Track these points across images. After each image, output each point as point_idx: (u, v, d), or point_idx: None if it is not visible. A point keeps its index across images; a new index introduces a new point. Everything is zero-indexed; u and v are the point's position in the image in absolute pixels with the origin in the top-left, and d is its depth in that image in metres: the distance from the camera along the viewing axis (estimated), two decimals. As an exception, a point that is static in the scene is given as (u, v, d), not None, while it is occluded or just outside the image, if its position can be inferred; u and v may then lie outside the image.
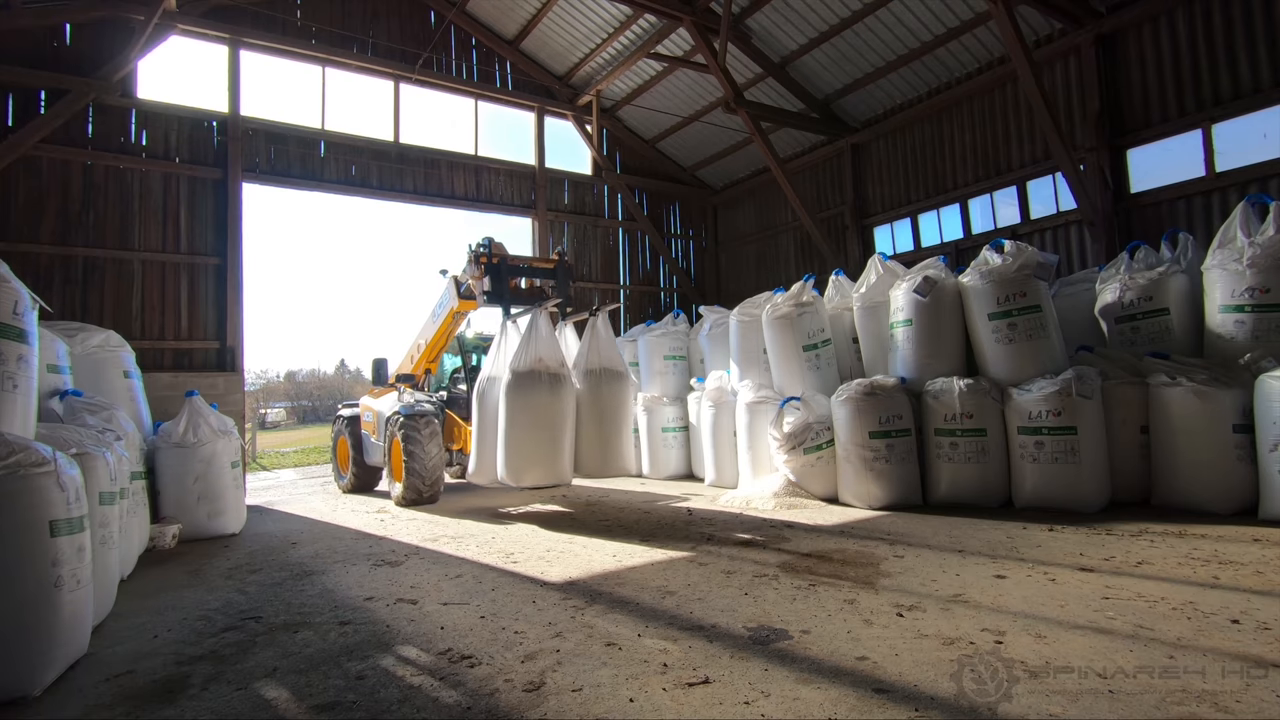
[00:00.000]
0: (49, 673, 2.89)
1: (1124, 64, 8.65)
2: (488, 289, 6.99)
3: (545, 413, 6.13)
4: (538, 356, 6.19)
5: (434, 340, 8.39)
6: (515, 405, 6.10)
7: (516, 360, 6.15)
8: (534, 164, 13.53)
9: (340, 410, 9.86)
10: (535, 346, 6.22)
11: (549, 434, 6.17)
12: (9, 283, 3.38)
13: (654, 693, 2.61)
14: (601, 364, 6.60)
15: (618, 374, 6.66)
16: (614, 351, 6.76)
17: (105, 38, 9.42)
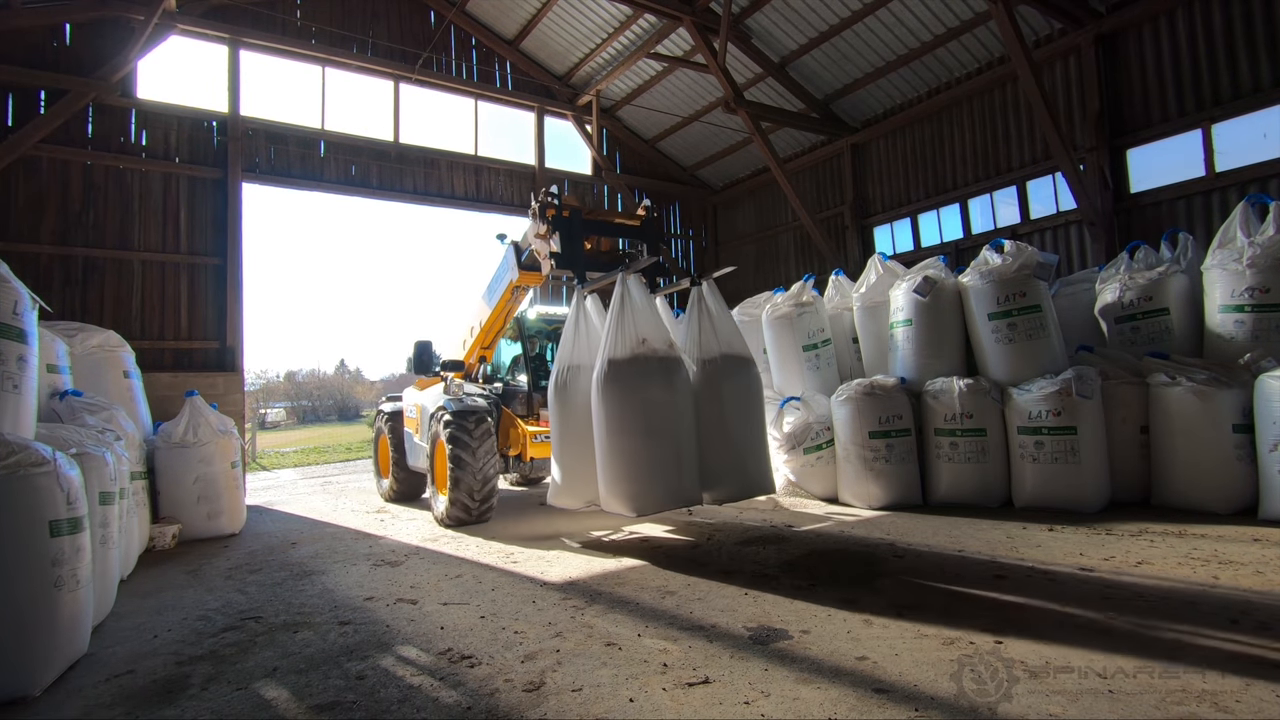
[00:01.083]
0: (49, 673, 2.89)
1: (1124, 64, 8.65)
2: (557, 249, 5.40)
3: (661, 412, 4.57)
4: (639, 337, 4.66)
5: (489, 321, 6.85)
6: (618, 405, 4.56)
7: (612, 344, 4.64)
8: (534, 164, 13.53)
9: (381, 404, 8.72)
10: (634, 323, 4.69)
11: (670, 440, 4.59)
12: (9, 283, 3.38)
13: (654, 693, 2.61)
14: (721, 349, 4.96)
15: (743, 360, 5.03)
16: (734, 331, 5.13)
17: (105, 38, 9.42)
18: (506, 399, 7.05)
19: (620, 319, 4.68)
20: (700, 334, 5.03)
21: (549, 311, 7.73)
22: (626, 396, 4.53)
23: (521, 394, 7.04)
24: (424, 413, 7.01)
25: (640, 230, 5.88)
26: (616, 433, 4.58)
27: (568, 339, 5.12)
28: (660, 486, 4.55)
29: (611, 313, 4.72)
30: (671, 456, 4.60)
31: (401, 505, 7.72)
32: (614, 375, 4.57)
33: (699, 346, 5.00)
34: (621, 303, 4.70)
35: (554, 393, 5.10)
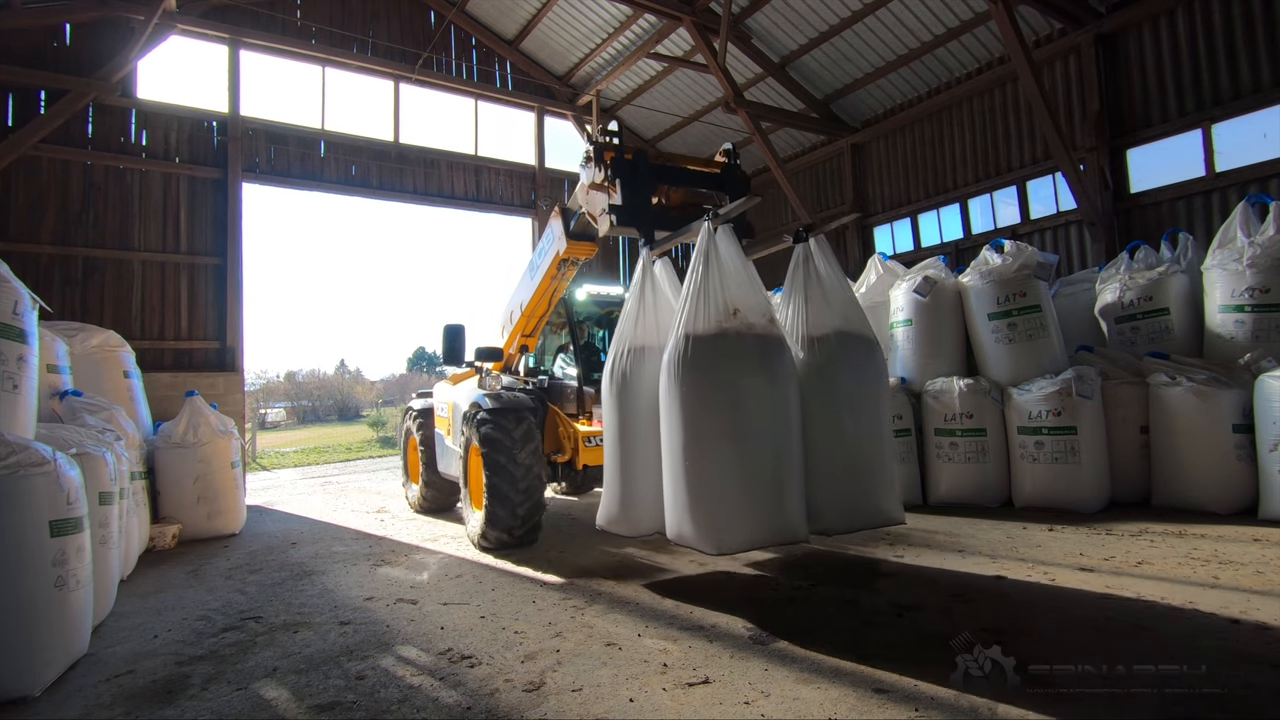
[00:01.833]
0: (49, 673, 2.89)
1: (1124, 64, 8.65)
2: (618, 202, 4.27)
3: (758, 409, 3.36)
4: (730, 306, 3.46)
5: (532, 303, 5.80)
6: (698, 398, 3.37)
7: (692, 315, 3.47)
8: (534, 164, 13.54)
9: (411, 401, 7.71)
10: (722, 288, 3.48)
11: (768, 449, 3.37)
12: (9, 283, 3.37)
13: (654, 693, 2.61)
14: (835, 324, 3.78)
15: (864, 341, 3.82)
16: (851, 301, 3.93)
17: (105, 38, 9.42)
18: (553, 394, 5.99)
19: (705, 282, 3.46)
20: (808, 304, 3.83)
21: (601, 291, 6.60)
22: (710, 387, 3.34)
23: (570, 388, 5.95)
24: (456, 411, 6.04)
25: (720, 178, 4.63)
26: (694, 436, 3.33)
27: (630, 314, 3.98)
28: (754, 515, 3.30)
29: (693, 274, 3.52)
30: (770, 472, 3.34)
31: (434, 518, 6.76)
32: (694, 358, 3.35)
33: (806, 321, 3.80)
34: (706, 260, 3.50)
35: (610, 384, 3.94)
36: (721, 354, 3.37)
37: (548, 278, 5.58)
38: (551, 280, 5.61)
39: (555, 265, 5.45)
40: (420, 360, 53.36)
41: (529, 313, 5.92)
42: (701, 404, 3.36)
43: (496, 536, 5.01)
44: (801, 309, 3.88)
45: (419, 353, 54.57)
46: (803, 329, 3.82)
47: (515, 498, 4.90)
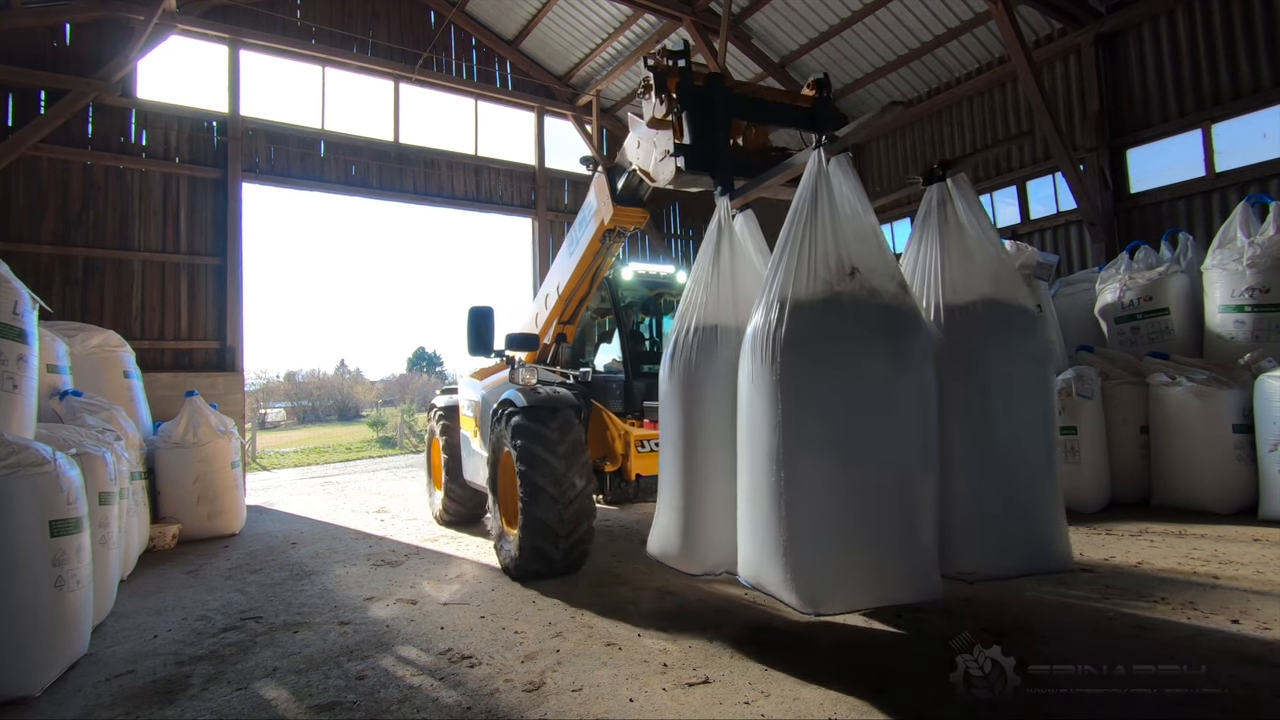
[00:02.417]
0: (49, 673, 2.89)
1: (1124, 64, 8.65)
2: (686, 140, 3.39)
3: (883, 406, 2.48)
4: (846, 264, 2.55)
5: (571, 284, 5.01)
6: (799, 390, 2.47)
7: (791, 275, 2.57)
8: (534, 164, 13.53)
9: (435, 398, 6.90)
10: (834, 235, 2.59)
11: (896, 466, 2.48)
12: (9, 283, 3.38)
13: (654, 693, 2.61)
14: (983, 290, 2.86)
15: (1021, 314, 2.87)
16: (1002, 262, 2.95)
17: (105, 38, 9.41)
18: (595, 390, 5.06)
19: (811, 229, 2.56)
20: (944, 262, 2.89)
21: (650, 270, 5.75)
22: (814, 375, 2.43)
23: (615, 384, 5.02)
24: (484, 410, 5.24)
25: (812, 114, 3.64)
26: (789, 445, 2.41)
27: (700, 284, 3.14)
28: (870, 561, 2.40)
29: (795, 218, 2.62)
30: (896, 499, 2.42)
31: (460, 531, 6.04)
32: (793, 333, 2.45)
33: (941, 285, 2.87)
34: (815, 200, 2.59)
35: (671, 375, 3.10)
36: (832, 328, 2.42)
37: (589, 253, 4.76)
38: (594, 256, 4.79)
39: (599, 237, 4.62)
40: (420, 360, 53.38)
41: (567, 295, 5.09)
42: (801, 398, 2.42)
43: (534, 567, 4.14)
44: (935, 269, 2.89)
45: (419, 353, 54.63)
46: (936, 296, 2.85)
47: (558, 520, 4.02)
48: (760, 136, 3.91)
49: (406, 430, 20.18)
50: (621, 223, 4.52)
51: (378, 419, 22.38)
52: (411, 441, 18.97)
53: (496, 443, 4.59)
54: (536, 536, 4.07)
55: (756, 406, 2.56)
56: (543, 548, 4.08)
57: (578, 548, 4.19)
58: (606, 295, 5.40)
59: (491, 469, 4.77)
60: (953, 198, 3.01)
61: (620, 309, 5.36)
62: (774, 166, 3.23)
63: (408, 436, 19.68)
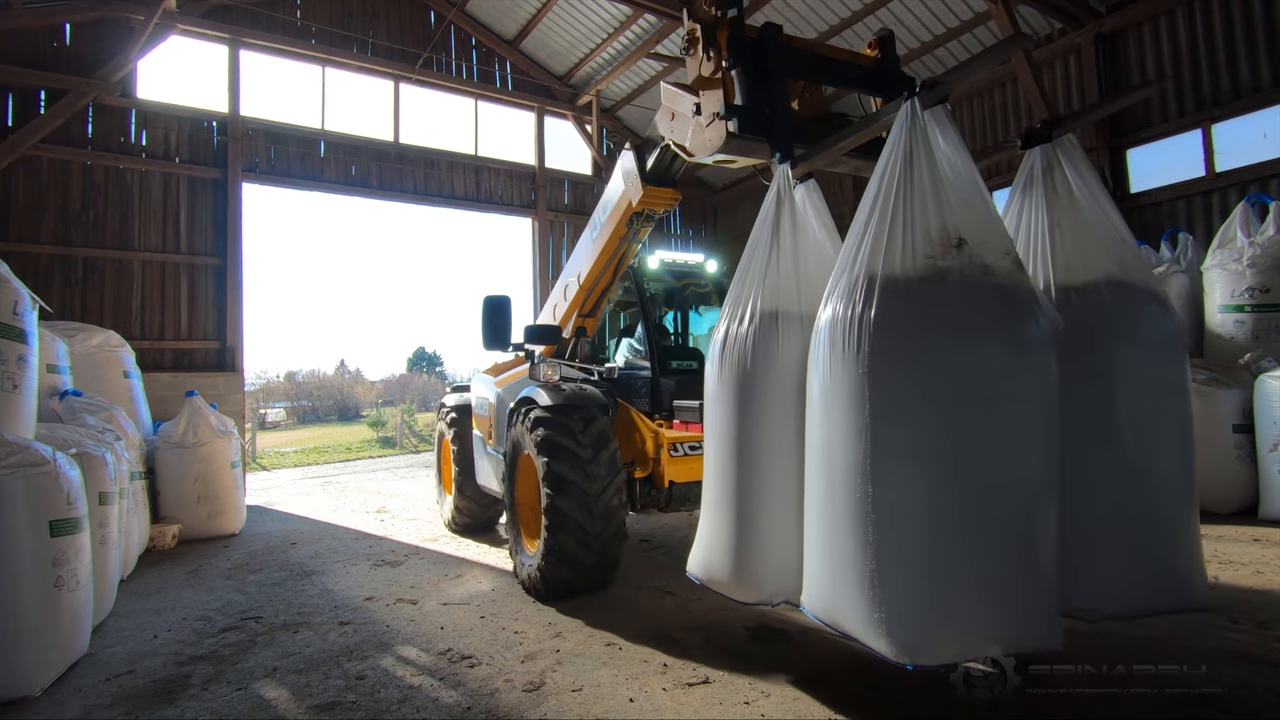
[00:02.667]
0: (49, 673, 2.89)
1: (1124, 64, 8.66)
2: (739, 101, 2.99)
3: (999, 411, 2.01)
4: (952, 233, 2.09)
5: (593, 273, 4.65)
6: (891, 388, 2.04)
7: (880, 246, 2.14)
8: (534, 164, 13.53)
9: (445, 396, 6.57)
10: (935, 199, 2.13)
11: (1014, 485, 2.02)
12: (9, 283, 3.38)
13: (654, 693, 2.61)
14: (1106, 269, 2.44)
15: (1148, 298, 2.44)
16: (1122, 238, 2.49)
17: (105, 38, 9.41)
18: (619, 388, 4.74)
19: (905, 192, 2.15)
20: (1054, 237, 2.50)
21: (678, 259, 5.36)
22: (912, 370, 2.02)
23: (640, 381, 4.68)
24: (498, 410, 4.97)
25: (877, 73, 3.28)
26: (885, 454, 2.01)
27: (756, 263, 2.73)
28: (982, 601, 1.99)
29: (882, 184, 2.21)
30: (1014, 526, 2.00)
31: (470, 539, 5.70)
32: (885, 317, 2.04)
33: (1052, 262, 2.48)
34: (907, 160, 2.17)
35: (720, 369, 2.70)
36: (936, 313, 2.01)
37: (614, 238, 4.42)
38: (620, 242, 4.45)
39: (625, 220, 4.27)
40: (420, 360, 53.38)
41: (589, 285, 4.71)
42: (895, 398, 2.01)
43: (561, 580, 3.77)
44: (1043, 245, 2.49)
45: (419, 353, 54.62)
46: (1047, 275, 2.45)
47: (589, 527, 3.65)
48: (817, 101, 3.48)
49: (406, 430, 20.18)
50: (651, 204, 4.17)
51: (378, 419, 22.38)
52: (411, 441, 18.97)
53: (514, 445, 4.26)
54: (565, 545, 3.68)
55: (835, 408, 2.13)
56: (572, 551, 3.67)
57: (608, 556, 3.79)
58: (630, 285, 4.99)
59: (508, 474, 4.42)
60: (1060, 162, 2.58)
61: (645, 300, 4.91)
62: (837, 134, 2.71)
63: (408, 437, 19.68)
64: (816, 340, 2.26)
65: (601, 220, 4.58)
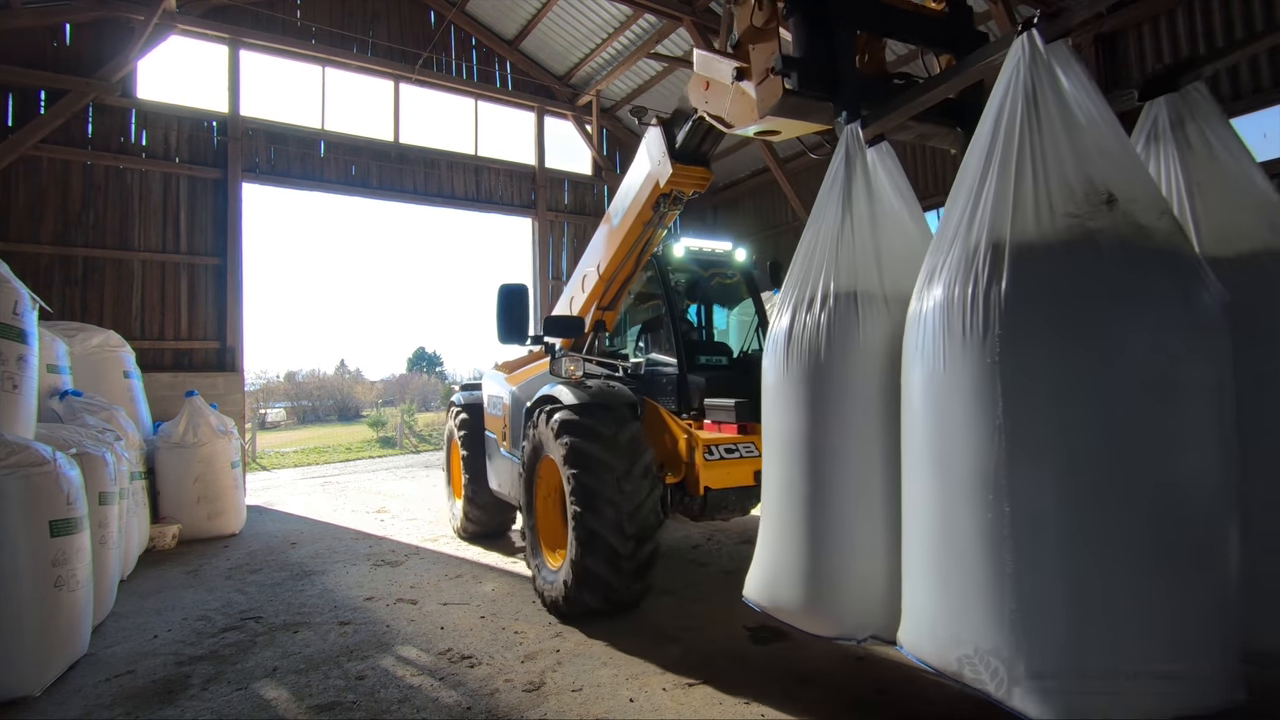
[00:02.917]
0: (49, 673, 2.89)
1: (1124, 64, 8.65)
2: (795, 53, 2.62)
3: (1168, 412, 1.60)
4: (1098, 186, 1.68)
5: (614, 261, 4.40)
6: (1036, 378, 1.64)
7: (999, 211, 1.75)
8: (534, 164, 13.54)
9: (455, 394, 6.25)
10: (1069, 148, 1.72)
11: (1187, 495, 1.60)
12: (9, 283, 3.38)
13: (654, 692, 2.61)
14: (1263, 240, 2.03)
15: None
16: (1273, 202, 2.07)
17: (105, 38, 9.41)
18: (644, 385, 4.33)
19: (1030, 144, 1.79)
20: (1192, 201, 2.15)
21: (704, 247, 4.91)
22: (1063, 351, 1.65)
23: (665, 379, 4.33)
24: (513, 409, 4.67)
25: (946, 27, 2.98)
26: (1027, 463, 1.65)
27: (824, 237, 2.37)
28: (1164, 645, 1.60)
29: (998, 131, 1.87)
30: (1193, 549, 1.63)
31: (481, 548, 5.35)
32: (1026, 289, 1.68)
33: (1195, 229, 2.11)
34: (1030, 102, 1.82)
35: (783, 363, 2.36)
36: (1088, 284, 1.64)
37: (638, 223, 4.14)
38: (644, 227, 4.16)
39: (650, 203, 4.01)
40: (420, 360, 53.39)
41: (609, 275, 4.42)
42: (1035, 393, 1.65)
43: (589, 599, 3.38)
44: (1182, 209, 2.12)
45: (419, 353, 54.63)
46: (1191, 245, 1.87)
47: (621, 548, 3.26)
48: (876, 61, 3.13)
49: (406, 430, 20.19)
50: (680, 184, 3.87)
51: (378, 419, 22.37)
52: (411, 442, 18.98)
53: (535, 447, 3.87)
54: (595, 563, 3.28)
55: (951, 405, 1.77)
56: (601, 573, 3.28)
57: (643, 572, 3.39)
58: (654, 275, 4.64)
59: (526, 479, 4.02)
60: (1192, 115, 2.18)
61: (671, 291, 4.57)
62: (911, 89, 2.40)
63: (408, 437, 19.69)
64: (918, 325, 1.90)
65: (624, 205, 4.29)
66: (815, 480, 2.24)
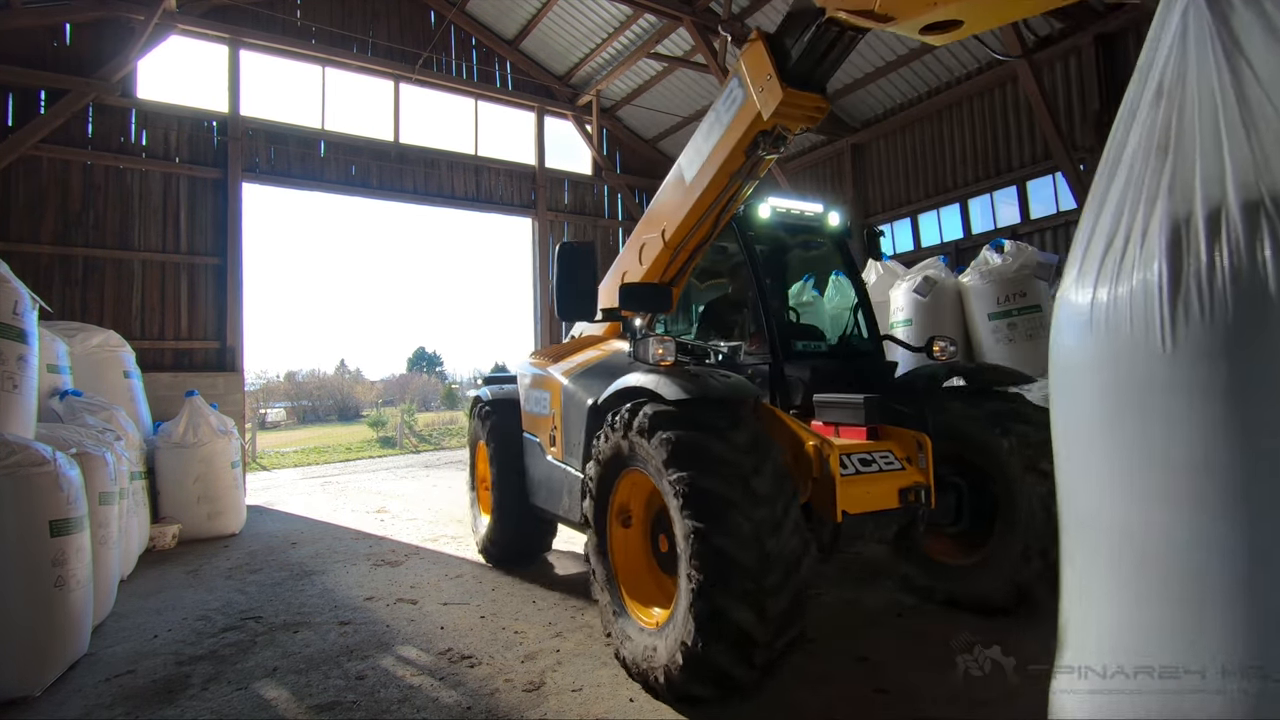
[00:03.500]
0: (49, 673, 2.89)
1: (1124, 64, 8.65)
2: None
3: None
4: None
5: (687, 221, 3.62)
6: None
7: None
8: (534, 164, 13.54)
9: (479, 389, 5.36)
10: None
11: None
12: (9, 283, 3.38)
13: (654, 693, 2.61)
14: None
15: None
16: None
17: (105, 38, 9.41)
18: None
19: None
20: None
21: (793, 208, 4.01)
22: None
23: (748, 368, 3.54)
24: (567, 407, 3.79)
25: None
26: None
27: (1190, 116, 1.41)
28: None
29: None
30: None
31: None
32: None
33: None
34: None
35: (1106, 340, 1.41)
36: None
37: (722, 173, 3.35)
38: (729, 179, 3.37)
39: (744, 145, 3.22)
40: (420, 360, 53.42)
41: (677, 241, 3.65)
42: None
43: (723, 660, 2.37)
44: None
45: (419, 353, 54.66)
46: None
47: (764, 578, 2.32)
48: None
49: (406, 430, 20.19)
50: (788, 118, 3.04)
51: (378, 419, 22.38)
52: (411, 442, 18.98)
53: (612, 457, 2.92)
54: (724, 596, 2.32)
55: None
56: (737, 619, 2.31)
57: (791, 624, 2.41)
58: (733, 242, 3.84)
59: (597, 502, 3.05)
60: None
61: (756, 261, 3.69)
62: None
63: (408, 437, 19.69)
64: None
65: (704, 151, 3.44)
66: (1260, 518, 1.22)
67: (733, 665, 2.36)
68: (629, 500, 3.02)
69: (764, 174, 3.46)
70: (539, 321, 13.27)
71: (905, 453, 3.04)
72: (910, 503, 2.91)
